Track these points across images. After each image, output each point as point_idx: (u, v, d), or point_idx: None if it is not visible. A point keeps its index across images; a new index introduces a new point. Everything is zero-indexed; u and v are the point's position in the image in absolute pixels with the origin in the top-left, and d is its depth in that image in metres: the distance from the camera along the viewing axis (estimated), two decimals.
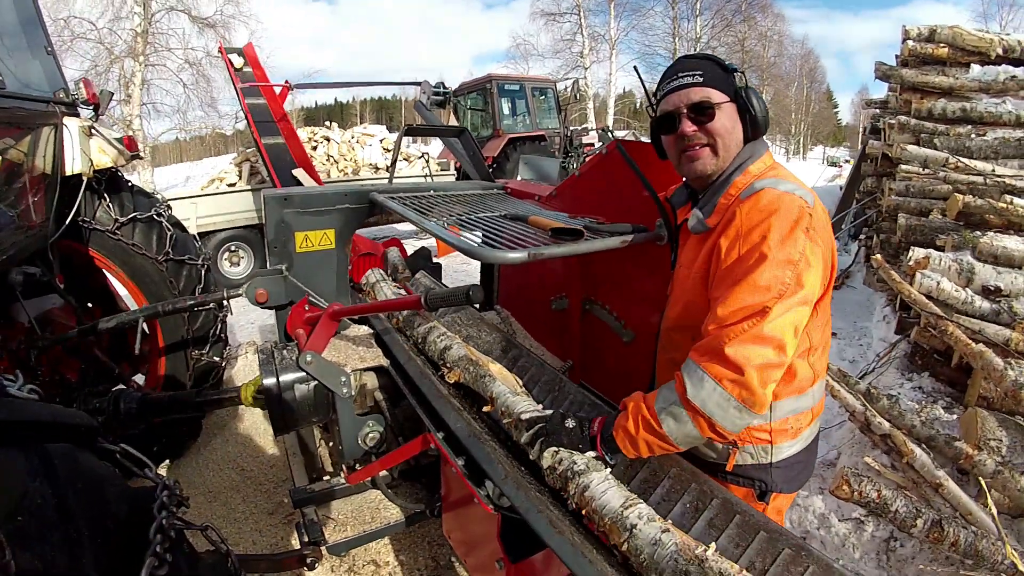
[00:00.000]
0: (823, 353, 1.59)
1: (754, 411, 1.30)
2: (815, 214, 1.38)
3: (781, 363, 1.31)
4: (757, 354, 1.28)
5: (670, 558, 1.14)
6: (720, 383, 1.28)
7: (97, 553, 0.88)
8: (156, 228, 3.36)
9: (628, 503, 1.28)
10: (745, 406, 1.29)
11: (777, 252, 1.32)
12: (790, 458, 1.61)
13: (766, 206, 1.38)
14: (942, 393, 3.64)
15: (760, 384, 1.27)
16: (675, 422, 1.35)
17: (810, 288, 1.33)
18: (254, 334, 6.09)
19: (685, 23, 29.08)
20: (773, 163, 1.56)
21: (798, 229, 1.33)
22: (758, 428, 1.56)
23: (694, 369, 1.33)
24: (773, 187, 1.41)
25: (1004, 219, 3.99)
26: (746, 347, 1.28)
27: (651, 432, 1.38)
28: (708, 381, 1.30)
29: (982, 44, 5.66)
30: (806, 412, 1.59)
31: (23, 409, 0.97)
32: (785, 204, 1.37)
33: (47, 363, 3.05)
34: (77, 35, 16.72)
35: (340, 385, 2.17)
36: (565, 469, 1.42)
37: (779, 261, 1.32)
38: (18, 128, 2.68)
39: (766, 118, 1.53)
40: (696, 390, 1.30)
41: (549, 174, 9.64)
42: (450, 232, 1.90)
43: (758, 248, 1.34)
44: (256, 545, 2.91)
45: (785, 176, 1.49)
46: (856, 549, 2.77)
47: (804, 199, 1.39)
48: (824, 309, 1.52)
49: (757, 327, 1.29)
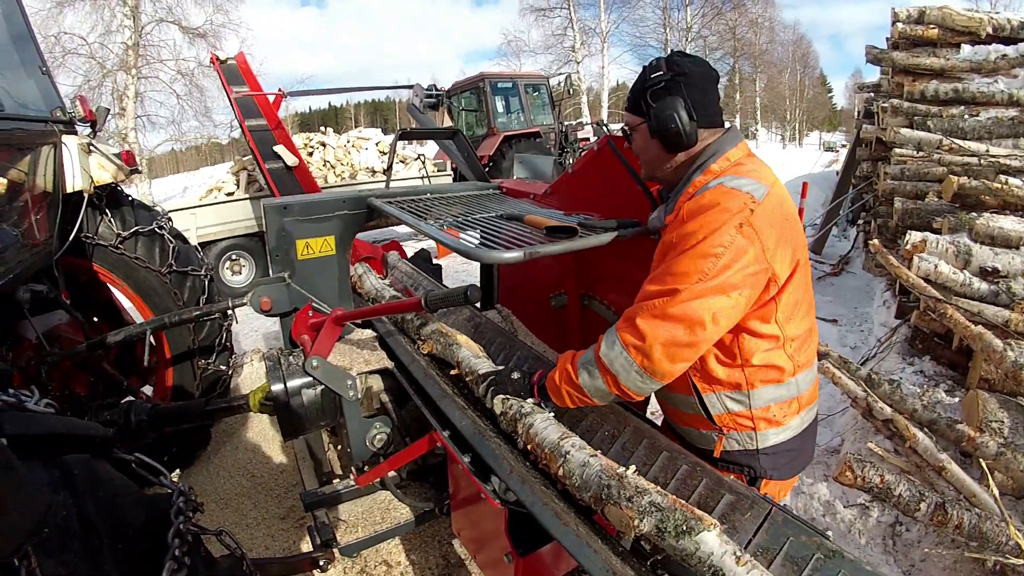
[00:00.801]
0: (804, 344, 1.62)
1: (655, 379, 1.45)
2: (760, 210, 1.42)
3: (691, 343, 1.41)
4: (665, 330, 1.40)
5: (595, 476, 1.34)
6: (627, 348, 1.44)
7: (117, 559, 0.91)
8: (158, 241, 3.39)
9: (564, 436, 1.52)
10: (647, 373, 1.44)
11: (701, 244, 1.40)
12: (777, 445, 1.65)
13: (707, 202, 1.44)
14: (943, 376, 3.66)
15: (664, 357, 1.41)
16: (588, 376, 1.53)
17: (731, 280, 1.39)
18: (259, 342, 6.12)
19: (675, 13, 29.04)
20: (740, 159, 1.56)
21: (729, 224, 1.39)
22: (739, 415, 1.62)
23: (611, 331, 1.50)
24: (723, 183, 1.46)
25: (1000, 199, 4.00)
26: (654, 322, 1.41)
27: (569, 384, 1.58)
28: (617, 344, 1.46)
29: (972, 24, 5.66)
30: (790, 401, 1.62)
31: (42, 422, 1.00)
32: (725, 199, 1.42)
33: (57, 378, 3.08)
34: (68, 51, 16.69)
35: (346, 388, 2.20)
36: (514, 413, 1.66)
37: (699, 252, 1.40)
38: (17, 149, 2.71)
39: (679, 133, 1.53)
40: (608, 349, 1.48)
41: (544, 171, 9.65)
42: (447, 234, 1.93)
43: (685, 238, 1.43)
44: (269, 550, 2.93)
45: (747, 171, 1.50)
46: (862, 535, 2.79)
47: (751, 195, 1.43)
48: (792, 301, 1.54)
49: (666, 306, 1.40)
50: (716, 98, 1.61)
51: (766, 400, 1.60)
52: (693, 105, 1.52)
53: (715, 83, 1.61)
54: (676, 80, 1.53)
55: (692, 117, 1.52)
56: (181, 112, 19.11)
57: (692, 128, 1.53)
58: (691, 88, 1.52)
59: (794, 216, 1.53)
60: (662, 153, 1.61)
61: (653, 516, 1.22)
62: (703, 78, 1.56)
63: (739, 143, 1.59)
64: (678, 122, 1.52)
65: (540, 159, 10.24)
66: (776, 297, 1.50)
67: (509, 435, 1.70)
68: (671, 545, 1.18)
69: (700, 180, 1.54)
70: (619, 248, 2.00)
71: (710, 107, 1.57)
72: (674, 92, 1.52)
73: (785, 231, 1.47)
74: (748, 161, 1.56)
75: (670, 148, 1.58)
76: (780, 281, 1.48)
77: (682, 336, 1.39)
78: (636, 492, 1.27)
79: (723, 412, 1.63)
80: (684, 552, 1.16)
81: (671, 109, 1.52)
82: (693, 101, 1.52)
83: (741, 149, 1.58)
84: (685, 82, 1.52)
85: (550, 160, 10.03)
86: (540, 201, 2.75)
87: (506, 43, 29.87)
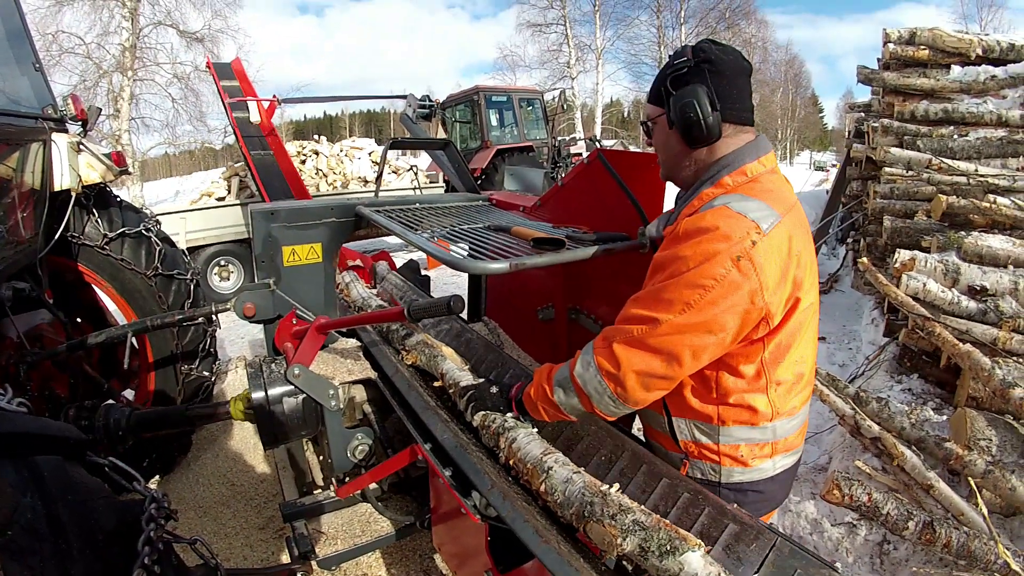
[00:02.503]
0: (792, 390, 1.48)
1: (628, 406, 1.40)
2: (764, 243, 1.27)
3: (667, 376, 1.34)
4: (641, 360, 1.33)
5: (578, 492, 1.34)
6: (600, 373, 1.38)
7: (86, 565, 0.89)
8: (145, 243, 3.36)
9: (547, 451, 1.52)
10: (619, 400, 1.38)
11: (691, 272, 1.28)
12: (742, 484, 1.53)
13: (706, 224, 1.30)
14: (931, 394, 3.66)
15: (638, 386, 1.35)
16: (564, 394, 1.49)
17: (718, 317, 1.27)
18: (243, 348, 6.07)
19: (670, 31, 29.27)
20: (758, 175, 1.41)
21: (725, 254, 1.25)
22: (705, 446, 1.52)
23: (588, 351, 1.44)
24: (729, 204, 1.32)
25: (988, 218, 4.03)
26: (631, 350, 1.34)
27: (545, 400, 1.54)
28: (592, 367, 1.40)
29: (962, 45, 5.73)
30: (762, 445, 1.50)
31: (12, 421, 0.98)
32: (727, 226, 1.28)
33: (36, 378, 3.03)
34: (65, 50, 16.66)
35: (328, 398, 2.17)
36: (497, 427, 1.67)
37: (688, 280, 1.28)
38: (6, 144, 2.68)
39: (699, 124, 1.38)
40: (583, 370, 1.42)
41: (535, 184, 9.68)
42: (435, 245, 1.91)
43: (677, 261, 1.31)
44: (247, 560, 2.88)
45: (761, 192, 1.36)
46: (850, 553, 2.77)
47: (757, 224, 1.28)
48: (784, 343, 1.40)
49: (646, 335, 1.32)
50: (747, 92, 1.44)
51: (736, 439, 1.49)
52: (717, 94, 1.37)
53: (746, 75, 1.44)
54: (700, 67, 1.39)
55: (715, 107, 1.37)
56: (176, 116, 19.09)
57: (715, 120, 1.37)
58: (716, 76, 1.38)
59: (806, 251, 1.39)
60: (682, 148, 1.46)
61: (636, 535, 1.19)
62: (732, 67, 1.40)
63: (764, 156, 1.43)
64: (698, 111, 1.36)
65: (531, 172, 10.28)
66: (765, 338, 1.37)
67: (491, 449, 1.68)
68: (654, 565, 1.16)
69: (708, 193, 1.41)
70: (607, 262, 1.99)
71: (738, 100, 1.41)
72: (696, 79, 1.38)
73: (790, 269, 1.32)
74: (768, 180, 1.41)
75: (691, 142, 1.43)
76: (773, 322, 1.35)
77: (658, 368, 1.32)
78: (619, 510, 1.25)
79: (689, 439, 1.54)
80: (667, 573, 1.13)
81: (691, 97, 1.37)
82: (718, 90, 1.37)
83: (764, 164, 1.43)
84: (710, 69, 1.38)
85: (541, 173, 10.08)
86: (530, 213, 2.74)
87: (502, 57, 30.10)
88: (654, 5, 28.77)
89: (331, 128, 60.55)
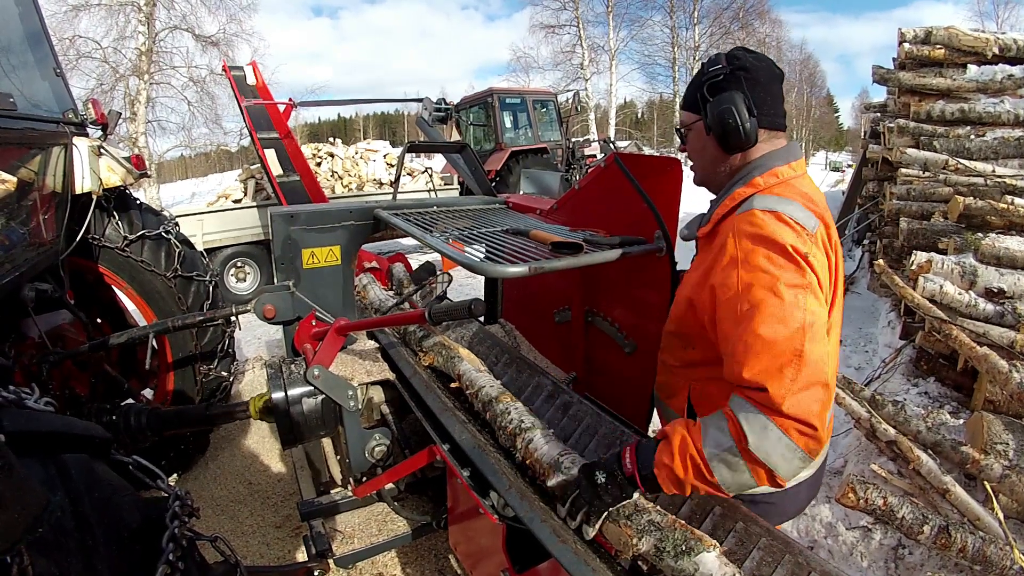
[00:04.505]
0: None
1: (813, 459, 1.20)
2: (813, 244, 1.29)
3: (830, 397, 1.20)
4: (813, 399, 1.16)
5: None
6: (788, 433, 1.15)
7: (111, 561, 0.91)
8: (164, 245, 3.41)
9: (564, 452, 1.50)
10: (810, 456, 1.17)
11: (784, 290, 1.22)
12: (757, 496, 1.54)
13: (766, 233, 1.28)
14: (948, 397, 3.64)
15: (824, 430, 1.17)
16: (729, 471, 1.20)
17: (823, 312, 1.25)
18: (261, 349, 6.12)
19: (684, 32, 29.23)
20: (789, 178, 1.43)
21: (796, 256, 1.25)
22: None
23: (754, 415, 1.18)
24: (770, 208, 1.33)
25: (1006, 220, 3.99)
26: (800, 396, 1.15)
27: (701, 479, 1.23)
28: (773, 430, 1.16)
29: (978, 44, 5.66)
30: None
31: (41, 420, 1.00)
32: (780, 232, 1.28)
33: (58, 378, 3.08)
34: (83, 54, 16.92)
35: (347, 399, 2.20)
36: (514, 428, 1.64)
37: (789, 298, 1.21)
38: (29, 148, 2.73)
39: (737, 130, 1.40)
40: (759, 440, 1.16)
41: (551, 187, 9.67)
42: (453, 247, 1.93)
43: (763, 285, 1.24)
44: (264, 558, 2.92)
45: (794, 195, 1.37)
46: (864, 558, 2.76)
47: (803, 224, 1.30)
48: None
49: (801, 373, 1.16)
50: (780, 99, 1.48)
51: None
52: (754, 101, 1.40)
53: (779, 82, 1.48)
54: (736, 74, 1.42)
55: (752, 114, 1.40)
56: (191, 118, 19.31)
57: (752, 126, 1.40)
58: (752, 83, 1.41)
59: (837, 253, 1.40)
60: (719, 154, 1.49)
61: (652, 535, 1.21)
62: (766, 74, 1.44)
63: (795, 161, 1.46)
64: (737, 117, 1.39)
65: (547, 175, 10.27)
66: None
67: (508, 450, 1.69)
68: (669, 565, 1.17)
69: (740, 192, 1.43)
70: (624, 265, 2.00)
71: (772, 106, 1.45)
72: (734, 86, 1.41)
73: (830, 269, 1.34)
74: (799, 183, 1.43)
75: (728, 148, 1.46)
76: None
77: (824, 395, 1.18)
78: (635, 511, 1.26)
79: None
80: (682, 573, 1.15)
81: (730, 103, 1.40)
82: (754, 97, 1.41)
83: (795, 168, 1.45)
84: (746, 77, 1.41)
85: (557, 176, 10.06)
86: (546, 217, 2.76)
87: (515, 59, 30.15)
88: (667, 6, 28.75)
89: (345, 130, 60.90)
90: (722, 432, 1.21)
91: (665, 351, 1.72)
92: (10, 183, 2.49)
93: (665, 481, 1.27)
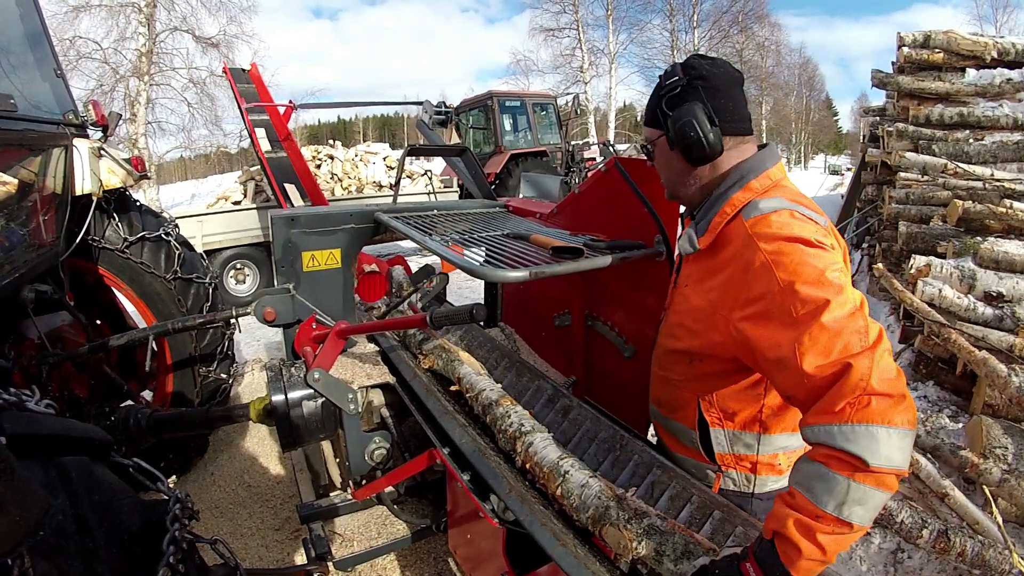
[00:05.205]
0: None
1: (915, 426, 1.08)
2: (828, 232, 1.29)
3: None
4: (889, 365, 1.08)
5: (594, 496, 1.35)
6: (890, 424, 1.03)
7: (112, 564, 0.91)
8: (164, 247, 3.41)
9: (563, 456, 1.51)
10: (914, 427, 1.06)
11: (831, 276, 1.17)
12: (773, 492, 1.53)
13: (789, 232, 1.24)
14: (947, 402, 3.64)
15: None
16: (863, 507, 1.05)
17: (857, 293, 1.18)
18: (260, 352, 6.12)
19: (683, 35, 29.20)
20: (779, 179, 1.40)
21: (824, 245, 1.23)
22: (744, 457, 1.52)
23: (849, 430, 1.04)
24: (782, 208, 1.30)
25: (1004, 223, 4.00)
26: (881, 366, 1.07)
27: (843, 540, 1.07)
28: (879, 429, 1.02)
29: (977, 48, 5.69)
30: (798, 451, 1.48)
31: (42, 423, 1.00)
32: (801, 228, 1.25)
33: (57, 379, 3.08)
34: (83, 55, 16.89)
35: (347, 402, 2.20)
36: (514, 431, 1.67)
37: (837, 281, 1.16)
38: (29, 149, 2.73)
39: (700, 143, 1.37)
40: (874, 451, 1.02)
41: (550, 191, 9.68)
42: (453, 251, 1.93)
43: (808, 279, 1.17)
44: (263, 560, 2.91)
45: (793, 195, 1.36)
46: (863, 561, 2.76)
47: (815, 219, 1.29)
48: None
49: (872, 341, 1.09)
50: (742, 102, 1.44)
51: (775, 448, 1.50)
52: (715, 110, 1.37)
53: (739, 85, 1.44)
54: (693, 84, 1.38)
55: (714, 123, 1.37)
56: (191, 120, 19.28)
57: (716, 136, 1.37)
58: (711, 91, 1.38)
59: (845, 249, 1.38)
60: (685, 167, 1.45)
61: (652, 539, 1.21)
62: (724, 80, 1.40)
63: (776, 164, 1.42)
64: (698, 130, 1.35)
65: (547, 179, 10.27)
66: None
67: (508, 454, 1.69)
68: (669, 569, 1.17)
69: (739, 197, 1.37)
70: (624, 270, 2.01)
71: (735, 112, 1.41)
72: (692, 97, 1.38)
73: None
74: (785, 183, 1.41)
75: (693, 161, 1.42)
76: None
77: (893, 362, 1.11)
78: (635, 514, 1.26)
79: (727, 451, 1.53)
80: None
81: (689, 116, 1.36)
82: (714, 105, 1.37)
83: (779, 168, 1.42)
84: (703, 85, 1.37)
85: (557, 179, 10.07)
86: (546, 221, 2.76)
87: (515, 62, 30.14)
88: (667, 9, 28.72)
89: (345, 133, 60.93)
90: (829, 479, 1.06)
91: (667, 368, 1.64)
92: (10, 184, 2.50)
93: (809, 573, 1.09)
